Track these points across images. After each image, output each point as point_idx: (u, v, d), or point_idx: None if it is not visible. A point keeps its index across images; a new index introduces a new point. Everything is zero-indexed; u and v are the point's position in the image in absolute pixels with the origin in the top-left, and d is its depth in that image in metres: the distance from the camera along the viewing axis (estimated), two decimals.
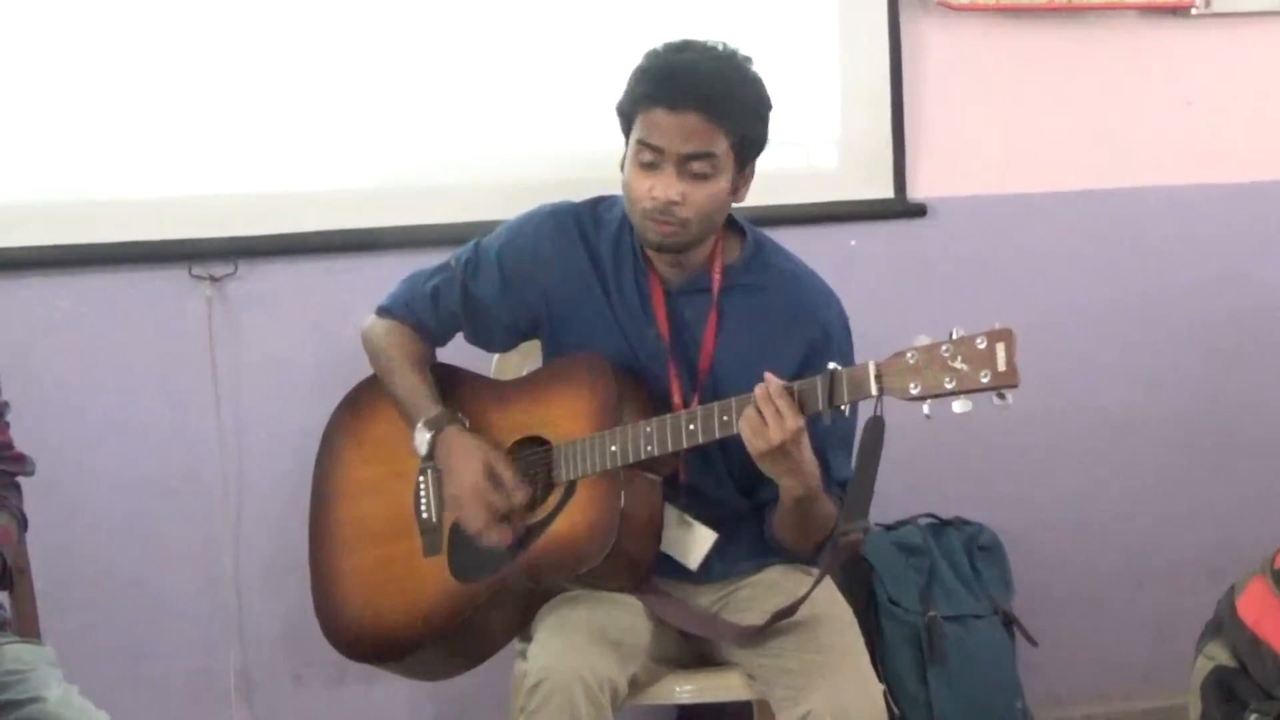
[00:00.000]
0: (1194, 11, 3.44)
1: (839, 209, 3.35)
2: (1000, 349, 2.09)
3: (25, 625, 2.46)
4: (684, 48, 2.41)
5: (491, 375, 2.76)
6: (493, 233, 2.62)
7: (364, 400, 2.73)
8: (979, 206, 3.43)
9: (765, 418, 2.23)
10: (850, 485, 2.29)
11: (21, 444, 2.47)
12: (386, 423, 2.66)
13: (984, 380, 2.09)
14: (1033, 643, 3.27)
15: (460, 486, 2.47)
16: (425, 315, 2.63)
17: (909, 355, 2.16)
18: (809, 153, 3.33)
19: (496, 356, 2.81)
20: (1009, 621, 3.28)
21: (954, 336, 2.13)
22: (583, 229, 2.55)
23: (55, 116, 3.00)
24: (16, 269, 3.01)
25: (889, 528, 3.34)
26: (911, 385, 2.15)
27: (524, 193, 2.72)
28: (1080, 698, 3.54)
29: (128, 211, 3.04)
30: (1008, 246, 3.45)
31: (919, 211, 3.38)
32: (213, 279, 3.09)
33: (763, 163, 2.49)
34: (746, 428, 2.25)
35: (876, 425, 2.21)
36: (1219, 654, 2.48)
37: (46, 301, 3.04)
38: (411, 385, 2.58)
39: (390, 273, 2.74)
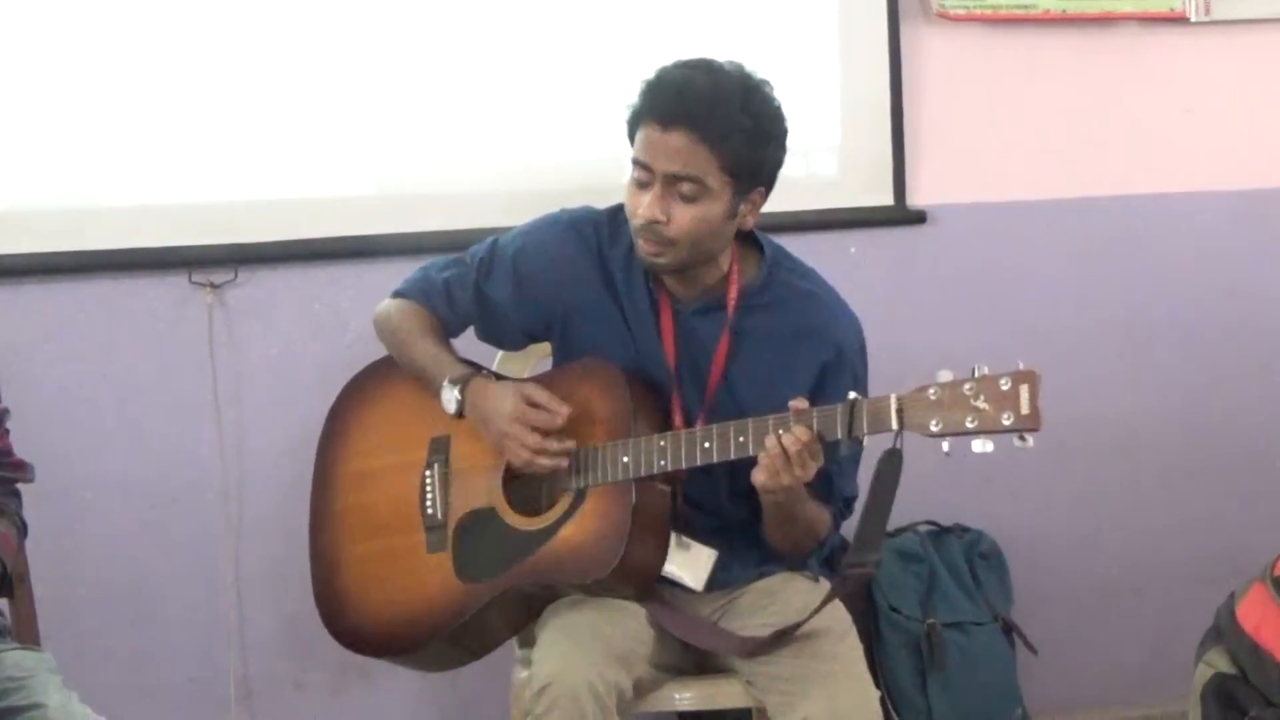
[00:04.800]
0: (1193, 20, 3.44)
1: (839, 216, 3.35)
2: (1024, 390, 2.08)
3: (25, 632, 2.45)
4: (689, 65, 2.35)
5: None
6: (510, 233, 2.58)
7: (369, 387, 2.68)
8: (979, 214, 3.43)
9: (793, 463, 2.23)
10: (863, 517, 2.27)
11: (22, 450, 2.47)
12: (391, 411, 2.63)
13: (1006, 422, 2.09)
14: (1033, 650, 3.27)
15: (501, 421, 2.41)
16: (439, 304, 2.59)
17: (931, 391, 2.14)
18: (809, 160, 3.33)
19: (499, 354, 2.79)
20: (1009, 629, 3.28)
21: (977, 375, 2.12)
22: (599, 239, 2.50)
23: (56, 124, 3.00)
24: (17, 276, 3.01)
25: (889, 535, 3.34)
26: (933, 422, 2.13)
27: (523, 201, 2.72)
28: (1080, 705, 3.53)
29: (128, 218, 3.04)
30: (1007, 254, 3.45)
31: (919, 219, 3.38)
32: (213, 286, 3.09)
33: None
34: (772, 468, 2.24)
35: (894, 459, 2.19)
36: (1219, 661, 2.48)
37: (47, 308, 3.04)
38: (432, 351, 2.54)
39: (389, 280, 2.73)
